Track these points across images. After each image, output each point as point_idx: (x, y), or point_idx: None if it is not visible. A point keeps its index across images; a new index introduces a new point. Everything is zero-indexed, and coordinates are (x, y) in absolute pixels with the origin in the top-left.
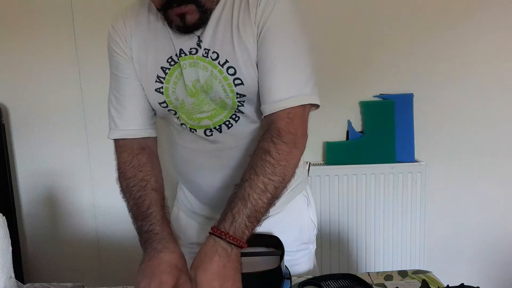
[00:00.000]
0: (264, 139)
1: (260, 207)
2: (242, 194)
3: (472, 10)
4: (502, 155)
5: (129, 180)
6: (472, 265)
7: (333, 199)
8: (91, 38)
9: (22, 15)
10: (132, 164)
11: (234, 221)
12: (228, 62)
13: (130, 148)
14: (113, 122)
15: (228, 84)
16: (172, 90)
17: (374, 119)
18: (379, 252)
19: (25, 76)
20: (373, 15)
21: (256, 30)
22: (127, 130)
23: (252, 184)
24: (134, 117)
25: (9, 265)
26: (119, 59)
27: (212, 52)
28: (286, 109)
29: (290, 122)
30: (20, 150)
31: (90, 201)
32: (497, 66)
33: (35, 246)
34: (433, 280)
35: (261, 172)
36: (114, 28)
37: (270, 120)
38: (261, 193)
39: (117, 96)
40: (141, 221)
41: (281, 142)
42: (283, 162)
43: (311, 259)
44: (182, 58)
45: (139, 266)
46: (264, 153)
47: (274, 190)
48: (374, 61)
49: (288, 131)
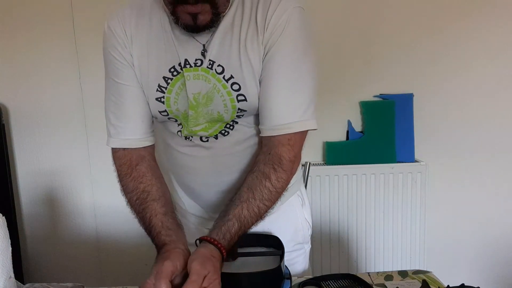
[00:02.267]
0: (264, 163)
1: (248, 227)
2: (239, 214)
3: (472, 10)
4: (502, 155)
5: (131, 193)
6: (472, 265)
7: (333, 199)
8: (91, 38)
9: (22, 15)
10: (132, 176)
11: (225, 235)
12: (233, 78)
13: (129, 159)
14: (113, 129)
15: (230, 100)
16: (174, 101)
17: (374, 119)
18: (379, 252)
19: (25, 76)
20: (373, 15)
21: (263, 51)
22: (129, 139)
23: (249, 207)
24: (136, 126)
25: (9, 265)
26: (118, 65)
27: (218, 65)
28: (286, 135)
29: (291, 149)
30: (20, 150)
31: (90, 201)
32: (497, 66)
33: (35, 246)
34: (433, 280)
35: (259, 197)
36: (112, 31)
37: (270, 142)
38: (254, 216)
39: (117, 103)
40: (149, 235)
41: (282, 170)
42: (280, 190)
43: (306, 259)
44: (187, 69)
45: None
46: (264, 178)
47: (264, 214)
48: (374, 61)
49: (289, 159)
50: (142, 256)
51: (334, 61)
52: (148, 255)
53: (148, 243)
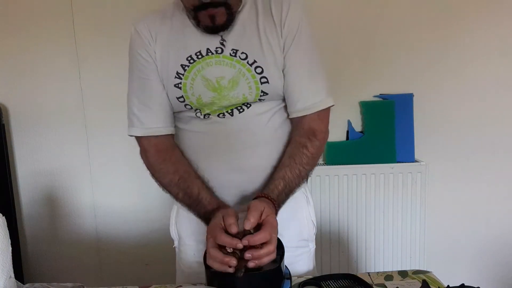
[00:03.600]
0: (300, 136)
1: (294, 187)
2: (283, 175)
3: (472, 10)
4: (502, 155)
5: (173, 175)
6: (472, 265)
7: (333, 199)
8: (91, 38)
9: (22, 15)
10: (172, 161)
11: (273, 191)
12: (256, 62)
13: (165, 146)
14: (137, 120)
15: (255, 82)
16: (190, 86)
17: (374, 119)
18: (379, 252)
19: (25, 76)
20: (373, 15)
21: (283, 44)
22: (158, 128)
23: (292, 170)
24: (160, 116)
25: (9, 265)
26: (143, 62)
27: (241, 52)
28: (316, 112)
29: (322, 123)
30: (20, 150)
31: (90, 201)
32: (497, 66)
33: (35, 246)
34: (433, 280)
35: (299, 162)
36: (138, 32)
37: (303, 120)
38: (296, 177)
39: (141, 97)
40: (196, 207)
41: (316, 139)
42: (316, 156)
43: (311, 259)
44: (209, 56)
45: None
46: (302, 147)
47: (305, 175)
48: (374, 61)
49: (321, 130)
50: (142, 256)
51: (334, 61)
52: (148, 255)
53: (148, 244)
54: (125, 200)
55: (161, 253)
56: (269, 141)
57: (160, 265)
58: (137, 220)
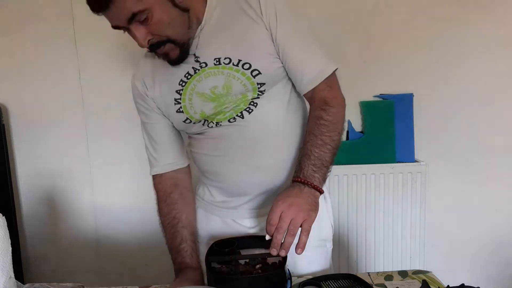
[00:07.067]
0: (314, 109)
1: (323, 156)
2: (305, 152)
3: (472, 10)
4: (502, 155)
5: (165, 217)
6: (472, 265)
7: (333, 199)
8: (91, 38)
9: (22, 15)
10: (166, 202)
11: (301, 169)
12: (241, 61)
13: (164, 187)
14: (154, 160)
15: (247, 78)
16: (190, 106)
17: (374, 119)
18: (379, 252)
19: (25, 76)
20: (373, 15)
21: (269, 32)
22: (163, 165)
23: (313, 143)
24: (166, 153)
25: (9, 265)
26: (144, 110)
27: (224, 58)
28: (323, 81)
29: (331, 89)
30: (20, 150)
31: (90, 201)
32: (497, 66)
33: (35, 246)
34: (433, 280)
35: (318, 133)
36: (135, 85)
37: (313, 94)
38: (321, 147)
39: (151, 141)
40: (175, 253)
41: (329, 107)
42: (334, 121)
43: (328, 259)
44: (197, 74)
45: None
46: (317, 119)
47: (332, 141)
48: (374, 61)
49: (332, 96)
50: (142, 256)
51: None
52: (148, 255)
53: (148, 244)
54: (125, 201)
55: (161, 253)
56: (285, 136)
57: (160, 265)
58: (137, 220)
